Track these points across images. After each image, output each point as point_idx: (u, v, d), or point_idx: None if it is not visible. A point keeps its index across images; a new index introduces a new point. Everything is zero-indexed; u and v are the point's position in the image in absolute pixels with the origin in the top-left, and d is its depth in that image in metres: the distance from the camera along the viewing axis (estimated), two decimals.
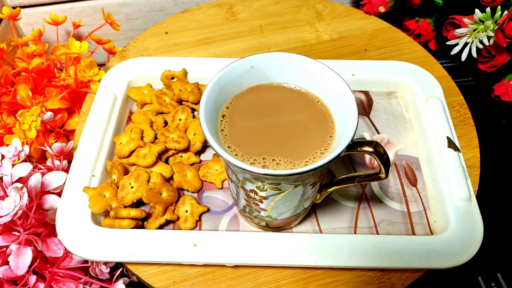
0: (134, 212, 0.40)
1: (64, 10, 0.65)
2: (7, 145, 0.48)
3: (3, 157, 0.45)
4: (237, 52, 0.60)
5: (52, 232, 0.44)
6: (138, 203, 0.44)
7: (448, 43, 0.56)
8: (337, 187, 0.39)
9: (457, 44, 0.55)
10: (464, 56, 0.55)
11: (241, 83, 0.36)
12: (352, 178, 0.38)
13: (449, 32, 0.57)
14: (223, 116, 0.35)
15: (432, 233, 0.43)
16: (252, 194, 0.35)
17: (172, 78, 0.53)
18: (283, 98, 0.36)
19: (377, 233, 0.43)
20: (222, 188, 0.46)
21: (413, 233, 0.43)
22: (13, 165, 0.43)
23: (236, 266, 0.40)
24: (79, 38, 0.65)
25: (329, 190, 0.39)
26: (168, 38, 0.62)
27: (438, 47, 0.66)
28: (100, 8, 0.65)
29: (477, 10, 0.52)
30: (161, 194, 0.42)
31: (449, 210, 0.42)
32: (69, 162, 0.47)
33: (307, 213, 0.43)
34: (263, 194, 0.34)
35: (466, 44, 0.55)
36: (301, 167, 0.32)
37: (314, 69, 0.35)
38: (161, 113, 0.51)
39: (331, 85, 0.35)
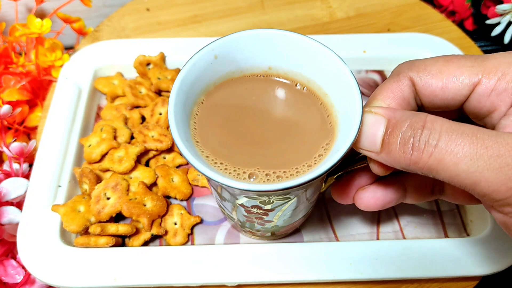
0: (123, 228, 0.40)
1: None
2: None
3: None
4: (233, 33, 0.59)
5: (10, 252, 0.44)
6: (117, 217, 0.44)
7: (488, 22, 0.56)
8: (344, 171, 0.38)
9: (499, 23, 0.56)
10: (507, 38, 0.55)
11: (209, 79, 0.35)
12: (361, 158, 0.35)
13: (489, 8, 0.57)
14: (195, 122, 0.34)
15: (468, 235, 0.44)
16: (254, 210, 0.35)
17: (148, 64, 0.53)
18: (263, 91, 0.36)
19: (404, 238, 0.44)
20: None
21: (446, 236, 0.44)
22: None
23: (239, 286, 0.41)
24: (42, 16, 0.64)
25: (335, 176, 0.39)
26: (150, 15, 0.62)
27: (476, 27, 0.66)
28: None
29: None
30: (144, 205, 0.42)
31: None
32: (31, 166, 0.47)
33: (320, 219, 0.44)
34: (268, 207, 0.34)
35: (510, 23, 0.55)
36: (308, 170, 0.32)
37: (295, 47, 0.34)
38: (137, 107, 0.51)
39: (323, 65, 0.33)
